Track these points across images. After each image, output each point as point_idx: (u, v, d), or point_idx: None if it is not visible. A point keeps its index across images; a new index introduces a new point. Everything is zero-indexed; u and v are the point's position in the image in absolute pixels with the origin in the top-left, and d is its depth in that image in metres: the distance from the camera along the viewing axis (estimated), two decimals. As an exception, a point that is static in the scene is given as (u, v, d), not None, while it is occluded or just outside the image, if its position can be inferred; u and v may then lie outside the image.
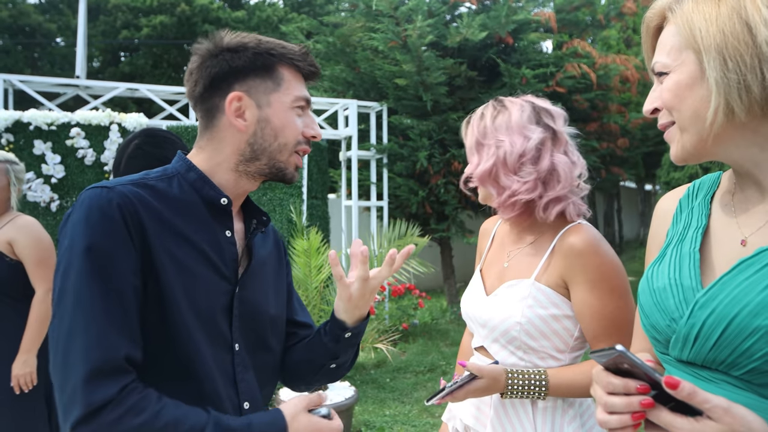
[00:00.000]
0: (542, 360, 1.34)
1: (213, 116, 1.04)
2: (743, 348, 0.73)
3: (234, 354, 1.03)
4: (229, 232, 1.05)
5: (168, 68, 19.17)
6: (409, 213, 7.28)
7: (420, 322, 7.10)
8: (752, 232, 0.82)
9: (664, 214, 1.00)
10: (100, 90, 5.82)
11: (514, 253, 1.43)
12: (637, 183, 16.48)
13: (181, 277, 0.95)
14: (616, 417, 0.73)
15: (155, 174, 1.02)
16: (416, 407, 4.46)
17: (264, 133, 1.03)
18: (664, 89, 0.83)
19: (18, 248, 2.35)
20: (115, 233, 0.90)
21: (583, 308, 1.29)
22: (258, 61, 1.02)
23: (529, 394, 1.29)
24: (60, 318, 0.87)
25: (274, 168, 1.06)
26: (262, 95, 1.03)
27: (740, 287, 0.76)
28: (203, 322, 0.98)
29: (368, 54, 7.32)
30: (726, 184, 0.91)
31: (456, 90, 7.22)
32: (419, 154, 6.87)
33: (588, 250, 1.28)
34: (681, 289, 0.83)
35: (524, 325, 1.30)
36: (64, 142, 4.36)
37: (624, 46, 12.92)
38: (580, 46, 7.91)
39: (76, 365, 0.84)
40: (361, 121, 7.63)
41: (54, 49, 19.79)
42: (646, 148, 11.09)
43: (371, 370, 5.49)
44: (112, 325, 0.87)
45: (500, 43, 7.45)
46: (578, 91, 7.67)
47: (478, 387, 1.28)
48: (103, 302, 0.87)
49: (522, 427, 1.34)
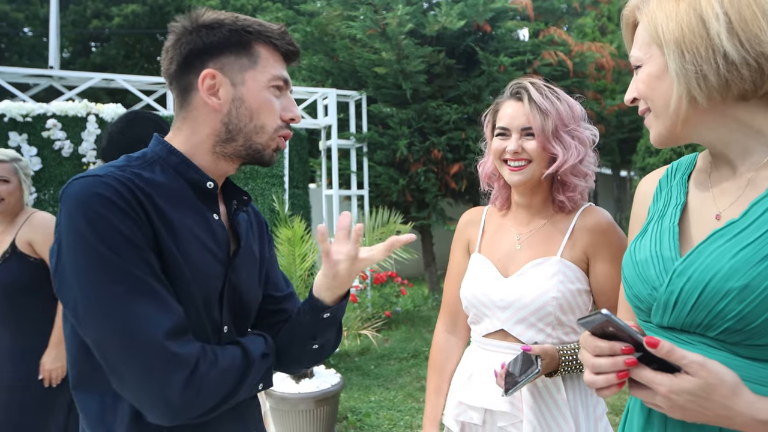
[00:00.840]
0: (566, 335, 1.39)
1: (188, 94, 1.01)
2: (717, 310, 0.80)
3: (221, 336, 1.02)
4: (216, 215, 1.04)
5: (141, 58, 18.83)
6: (389, 201, 7.30)
7: (402, 309, 7.15)
8: (725, 207, 0.88)
9: (644, 194, 1.07)
10: (75, 80, 5.71)
11: (525, 236, 1.46)
12: (613, 169, 16.73)
13: (184, 259, 0.94)
14: (603, 377, 0.80)
15: (137, 161, 0.99)
16: (401, 393, 4.51)
17: (239, 112, 1.00)
18: (638, 81, 0.90)
19: (38, 247, 2.35)
20: (125, 215, 0.87)
21: (606, 281, 1.38)
22: (233, 38, 0.99)
23: (577, 368, 1.34)
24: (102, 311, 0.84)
25: (251, 149, 1.02)
26: (236, 73, 0.99)
27: (713, 255, 0.82)
28: (204, 304, 0.98)
29: (347, 42, 7.29)
30: (701, 164, 0.98)
31: (435, 78, 7.25)
32: (399, 143, 6.89)
33: (611, 228, 1.40)
34: (661, 260, 0.89)
35: (559, 300, 1.35)
36: (40, 134, 4.28)
37: (599, 33, 13.05)
38: (557, 33, 8.00)
39: (153, 337, 0.83)
40: (341, 110, 7.62)
41: (22, 40, 19.28)
42: (622, 134, 11.27)
43: (355, 357, 5.53)
44: (166, 293, 0.89)
45: (478, 31, 7.48)
46: (555, 79, 7.75)
47: (543, 369, 1.28)
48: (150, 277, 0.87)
49: (555, 403, 1.37)
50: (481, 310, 1.45)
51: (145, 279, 0.86)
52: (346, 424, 3.95)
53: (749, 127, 0.86)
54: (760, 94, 0.83)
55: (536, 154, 1.38)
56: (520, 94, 1.42)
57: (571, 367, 1.33)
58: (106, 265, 0.84)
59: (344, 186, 7.42)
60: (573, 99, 1.46)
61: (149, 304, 0.85)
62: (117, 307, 0.84)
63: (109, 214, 0.86)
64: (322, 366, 4.00)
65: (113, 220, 0.86)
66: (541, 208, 1.46)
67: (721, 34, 0.79)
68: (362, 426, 3.93)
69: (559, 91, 1.44)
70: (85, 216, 0.86)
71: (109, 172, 0.91)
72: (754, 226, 0.81)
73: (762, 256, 0.78)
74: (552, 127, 1.37)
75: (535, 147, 1.38)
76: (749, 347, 0.80)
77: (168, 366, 0.84)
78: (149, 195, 0.92)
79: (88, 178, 0.89)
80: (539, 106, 1.38)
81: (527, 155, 1.39)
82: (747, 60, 0.79)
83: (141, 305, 0.85)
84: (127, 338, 0.84)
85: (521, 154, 1.39)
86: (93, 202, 0.86)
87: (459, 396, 1.46)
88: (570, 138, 1.39)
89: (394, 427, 3.88)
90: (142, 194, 0.91)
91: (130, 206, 0.88)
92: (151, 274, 0.87)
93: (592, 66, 8.51)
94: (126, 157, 1.00)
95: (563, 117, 1.38)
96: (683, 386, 0.74)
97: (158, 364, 0.84)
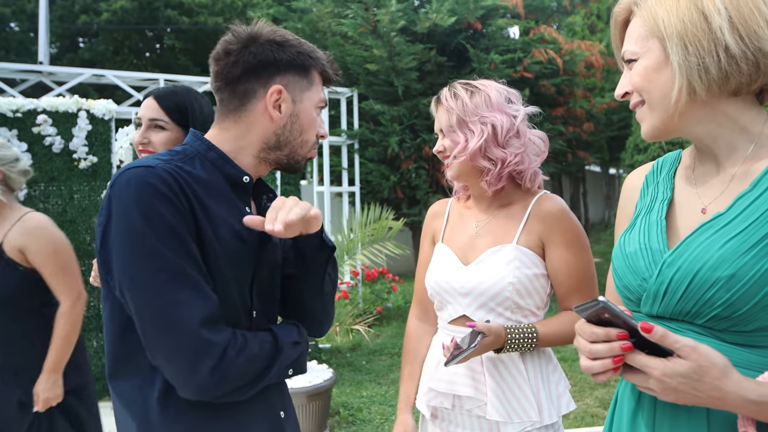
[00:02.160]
0: (525, 318, 1.46)
1: (247, 100, 1.08)
2: (705, 298, 0.84)
3: (252, 321, 1.10)
4: (248, 208, 1.11)
5: (129, 54, 18.68)
6: (381, 198, 7.33)
7: (394, 305, 7.19)
8: (711, 201, 0.92)
9: (631, 189, 1.11)
10: (65, 76, 5.69)
11: (483, 222, 1.53)
12: (602, 167, 16.85)
13: (221, 250, 1.01)
14: (599, 362, 0.82)
15: (178, 155, 1.05)
16: (392, 388, 4.54)
17: (293, 127, 1.10)
18: (633, 74, 0.93)
19: (31, 256, 2.00)
20: (172, 206, 0.94)
21: (560, 265, 1.45)
22: (299, 60, 1.09)
23: (523, 346, 1.39)
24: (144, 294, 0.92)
25: (292, 160, 1.13)
26: (298, 92, 1.10)
27: (701, 246, 0.86)
28: (239, 291, 1.05)
29: (338, 40, 7.30)
30: (687, 160, 1.02)
31: (426, 75, 7.27)
32: (390, 140, 6.91)
33: (564, 215, 1.47)
34: (650, 252, 0.93)
35: (515, 285, 1.41)
36: (30, 130, 4.25)
37: (588, 32, 13.13)
38: (547, 32, 8.05)
39: (189, 324, 0.92)
40: (332, 107, 7.63)
41: (9, 35, 19.07)
42: (611, 132, 11.36)
43: (347, 353, 5.56)
44: (205, 283, 0.96)
45: (469, 29, 7.52)
46: (545, 77, 7.81)
47: (485, 344, 1.34)
48: (190, 266, 0.94)
49: (517, 383, 1.43)
50: (444, 297, 1.51)
51: (186, 269, 0.94)
52: (338, 419, 3.98)
53: (736, 123, 0.90)
54: (752, 89, 0.87)
55: (451, 148, 1.48)
56: (435, 99, 1.53)
57: (517, 344, 1.39)
58: (152, 252, 0.92)
59: (335, 183, 7.43)
60: (500, 85, 1.50)
61: (187, 293, 0.93)
62: (158, 293, 0.92)
63: (158, 204, 0.93)
64: (314, 361, 4.02)
65: (161, 210, 0.93)
66: (499, 197, 1.53)
67: (723, 28, 0.83)
68: (354, 421, 3.95)
69: (480, 84, 1.49)
70: (136, 204, 0.93)
71: (158, 164, 0.98)
72: (740, 218, 0.85)
73: (748, 247, 0.82)
74: (456, 121, 1.45)
75: (448, 142, 1.48)
76: (735, 333, 0.84)
77: (198, 351, 0.92)
78: (192, 187, 1.00)
79: (140, 168, 0.96)
80: (444, 105, 1.48)
81: (448, 152, 1.49)
82: (746, 54, 0.83)
83: (180, 293, 0.92)
84: (163, 323, 0.92)
85: (445, 152, 1.50)
86: (144, 191, 0.93)
87: (429, 382, 1.52)
88: (479, 125, 1.43)
89: (386, 422, 3.91)
90: (187, 186, 0.98)
91: (177, 197, 0.95)
92: (192, 264, 0.95)
93: (582, 64, 8.58)
94: (168, 151, 1.07)
95: (470, 108, 1.44)
96: (676, 369, 0.77)
97: (190, 348, 0.92)
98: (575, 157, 9.48)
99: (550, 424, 1.43)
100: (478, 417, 1.45)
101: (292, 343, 1.08)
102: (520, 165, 1.45)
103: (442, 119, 1.49)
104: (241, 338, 0.98)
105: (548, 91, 7.89)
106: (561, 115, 8.40)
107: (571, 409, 1.48)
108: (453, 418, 1.50)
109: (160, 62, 18.79)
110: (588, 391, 4.34)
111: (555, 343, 1.44)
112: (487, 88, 1.47)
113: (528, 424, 1.40)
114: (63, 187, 4.32)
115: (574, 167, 11.35)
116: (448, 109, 1.47)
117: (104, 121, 4.45)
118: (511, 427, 1.41)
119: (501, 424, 1.42)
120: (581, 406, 4.05)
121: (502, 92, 1.48)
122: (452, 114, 1.46)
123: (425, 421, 1.58)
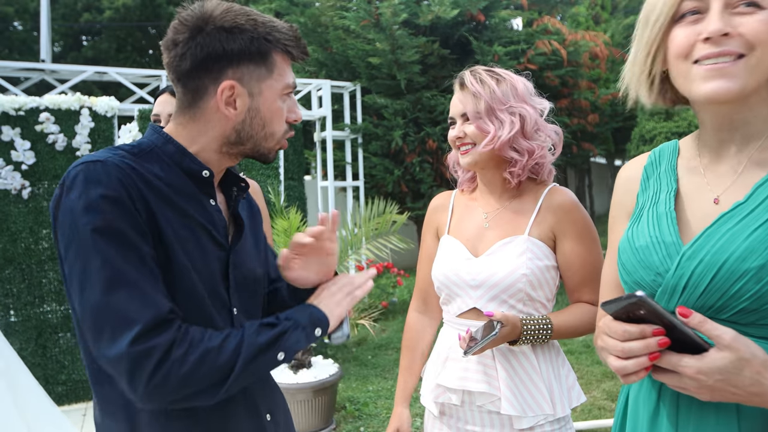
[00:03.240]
0: (536, 310, 1.44)
1: (200, 97, 1.00)
2: (732, 291, 0.80)
3: (233, 318, 1.06)
4: (213, 201, 1.05)
5: (133, 52, 18.68)
6: (385, 192, 7.31)
7: (399, 300, 7.18)
8: (723, 190, 0.89)
9: (628, 180, 1.06)
10: (67, 74, 5.67)
11: (492, 215, 1.51)
12: (607, 159, 16.75)
13: (184, 246, 0.96)
14: (634, 360, 0.78)
15: (133, 151, 0.99)
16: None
17: (253, 122, 1.02)
18: (757, 20, 0.80)
19: None
20: (124, 206, 0.89)
21: (572, 257, 1.43)
22: (253, 47, 0.98)
23: (538, 338, 1.38)
24: (92, 296, 0.87)
25: (257, 153, 1.06)
26: (254, 83, 1.00)
27: (725, 237, 0.82)
28: (208, 289, 1.00)
29: (340, 33, 7.27)
30: (688, 150, 0.98)
31: (429, 68, 7.23)
32: (394, 134, 6.89)
33: (575, 207, 1.47)
34: (663, 245, 0.89)
35: (529, 276, 1.40)
36: (33, 128, 4.24)
37: (593, 22, 13.03)
38: (550, 23, 7.98)
39: (136, 322, 0.85)
40: (335, 101, 7.60)
41: (12, 34, 19.09)
42: (616, 123, 11.27)
43: (353, 348, 5.56)
44: (150, 287, 0.88)
45: (472, 21, 7.46)
46: (549, 68, 7.75)
47: (503, 335, 1.32)
48: (135, 268, 0.88)
49: (529, 376, 1.41)
50: (453, 290, 1.49)
51: (129, 274, 0.87)
52: (344, 414, 3.98)
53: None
54: None
55: (475, 135, 1.45)
56: (462, 80, 1.49)
57: (532, 335, 1.37)
58: (96, 252, 0.86)
59: (339, 177, 7.41)
60: (522, 77, 1.51)
61: (126, 298, 0.86)
62: (96, 293, 0.86)
63: (107, 203, 0.87)
64: (320, 356, 4.01)
65: (110, 210, 0.87)
66: (502, 187, 1.52)
67: None
68: (360, 415, 3.95)
69: (503, 72, 1.48)
70: (84, 202, 0.87)
71: (110, 159, 0.92)
72: (762, 207, 0.82)
73: None
74: (485, 108, 1.43)
75: (473, 129, 1.45)
76: (762, 327, 0.80)
77: (133, 360, 0.85)
78: (148, 182, 0.94)
79: (91, 163, 0.90)
80: (471, 90, 1.45)
81: (470, 138, 1.46)
82: None
83: (118, 298, 0.86)
84: (101, 329, 0.86)
85: (464, 139, 1.47)
86: (93, 188, 0.88)
87: (437, 378, 1.49)
88: (508, 115, 1.43)
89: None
90: (141, 182, 0.93)
91: (128, 195, 0.89)
92: (139, 266, 0.88)
93: (586, 55, 8.50)
94: (125, 144, 1.01)
95: (498, 97, 1.43)
96: (713, 365, 0.73)
97: (125, 355, 0.85)
98: (580, 149, 9.42)
99: (562, 417, 1.42)
100: (489, 412, 1.42)
101: (263, 325, 0.98)
102: (543, 158, 1.47)
103: (468, 104, 1.46)
104: (196, 334, 0.90)
105: (552, 83, 7.83)
106: (565, 107, 8.34)
107: (582, 401, 1.48)
108: (462, 415, 1.47)
109: (163, 59, 18.75)
110: (595, 384, 4.32)
111: (568, 336, 1.43)
112: (512, 78, 1.47)
113: (541, 418, 1.39)
114: (67, 185, 4.33)
115: (579, 159, 11.28)
116: (475, 94, 1.44)
117: (107, 119, 4.45)
118: (525, 422, 1.38)
119: (514, 419, 1.39)
120: (589, 399, 4.04)
121: (527, 84, 1.49)
122: (480, 100, 1.43)
123: (432, 418, 1.55)
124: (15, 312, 4.18)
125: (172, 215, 0.96)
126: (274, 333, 0.97)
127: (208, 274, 1.00)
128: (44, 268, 4.26)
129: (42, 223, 4.26)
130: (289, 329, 0.98)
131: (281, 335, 0.97)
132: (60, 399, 4.14)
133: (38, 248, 4.25)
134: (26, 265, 4.21)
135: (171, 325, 0.89)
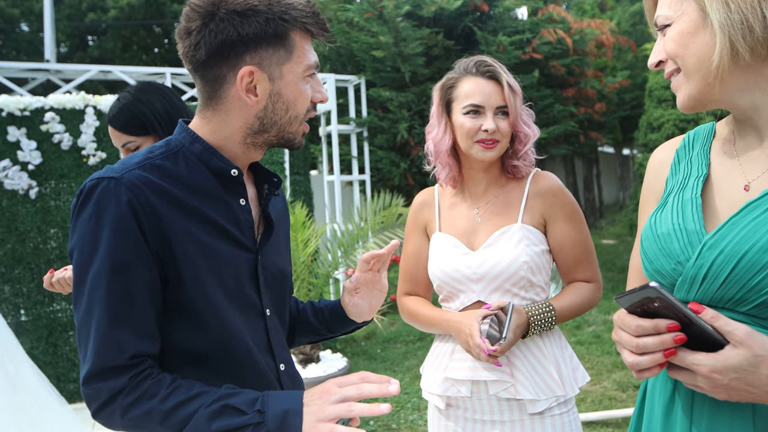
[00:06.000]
0: (537, 295, 1.47)
1: (219, 86, 0.96)
2: (753, 283, 0.77)
3: (266, 320, 1.04)
4: (243, 200, 1.02)
5: (138, 50, 18.75)
6: (391, 185, 7.30)
7: (407, 293, 7.16)
8: (755, 177, 0.84)
9: (660, 163, 1.02)
10: (72, 73, 5.69)
11: (483, 208, 1.51)
12: (615, 148, 16.64)
13: (203, 256, 0.94)
14: (648, 356, 0.76)
15: (159, 151, 0.97)
16: (408, 375, 4.53)
17: (276, 107, 0.97)
18: (667, 39, 0.85)
19: None
20: (128, 234, 0.89)
21: (563, 239, 1.46)
22: (270, 28, 0.93)
23: (545, 326, 1.40)
24: (77, 316, 0.92)
25: (282, 139, 1.01)
26: (274, 67, 0.95)
27: (749, 227, 0.79)
28: (232, 296, 0.98)
29: (344, 27, 7.24)
30: (724, 133, 0.93)
31: (433, 60, 7.20)
32: (399, 126, 6.87)
33: (562, 190, 1.49)
34: (685, 233, 0.85)
35: (529, 263, 1.42)
36: (38, 128, 4.26)
37: (598, 10, 12.91)
38: (555, 11, 7.92)
39: (89, 362, 0.89)
40: (340, 95, 7.58)
41: (18, 35, 19.19)
42: (623, 112, 11.18)
43: (362, 341, 5.56)
44: (121, 326, 0.89)
45: (475, 11, 7.42)
46: (555, 57, 7.69)
47: (518, 324, 1.35)
48: (112, 305, 0.89)
49: (538, 360, 1.43)
50: (455, 286, 1.47)
51: (110, 307, 0.89)
52: (354, 408, 3.97)
53: None
54: None
55: (507, 132, 1.45)
56: (492, 72, 1.45)
57: (540, 324, 1.40)
58: (89, 278, 0.89)
59: (345, 171, 7.40)
60: None
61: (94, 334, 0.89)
62: (79, 314, 0.91)
63: (114, 236, 0.89)
64: (329, 350, 4.01)
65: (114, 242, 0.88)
66: (495, 179, 1.52)
67: None
68: (370, 409, 3.95)
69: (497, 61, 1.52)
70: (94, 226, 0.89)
71: (125, 176, 0.91)
72: None
73: None
74: (520, 105, 1.46)
75: (507, 126, 1.45)
76: None
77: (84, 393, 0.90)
78: (165, 193, 0.92)
79: (107, 180, 0.90)
80: (512, 85, 1.44)
81: (500, 135, 1.44)
82: None
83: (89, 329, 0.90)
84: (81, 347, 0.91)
85: (495, 134, 1.43)
86: (105, 215, 0.89)
87: (444, 372, 1.48)
88: (526, 114, 1.48)
89: (401, 410, 3.90)
90: (156, 196, 0.91)
91: (136, 218, 0.90)
92: (120, 303, 0.89)
93: (592, 43, 8.44)
94: (150, 147, 0.99)
95: (520, 92, 1.48)
96: (727, 363, 0.71)
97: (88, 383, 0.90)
98: (587, 139, 9.36)
99: (568, 400, 1.45)
100: (499, 400, 1.43)
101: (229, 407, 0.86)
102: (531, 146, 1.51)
103: (508, 98, 1.43)
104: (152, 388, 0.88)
105: (558, 72, 7.77)
106: (572, 96, 8.28)
107: (587, 380, 1.50)
108: (470, 405, 1.46)
109: (169, 57, 18.81)
110: (605, 374, 4.30)
111: (570, 316, 1.45)
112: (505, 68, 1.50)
113: (552, 400, 1.41)
114: (73, 184, 4.35)
115: (586, 148, 11.21)
116: (514, 89, 1.45)
117: (111, 117, 4.46)
118: (539, 405, 1.40)
119: (528, 404, 1.41)
120: (599, 389, 4.01)
121: None
122: (517, 97, 1.45)
123: (437, 412, 1.53)
124: (25, 311, 4.22)
125: (191, 224, 0.94)
126: (232, 424, 0.86)
127: (233, 280, 0.98)
128: (53, 267, 4.29)
129: (50, 223, 4.29)
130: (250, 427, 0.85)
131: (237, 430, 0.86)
132: (72, 397, 4.17)
133: (47, 248, 4.28)
134: (35, 264, 4.24)
135: (124, 372, 0.88)
